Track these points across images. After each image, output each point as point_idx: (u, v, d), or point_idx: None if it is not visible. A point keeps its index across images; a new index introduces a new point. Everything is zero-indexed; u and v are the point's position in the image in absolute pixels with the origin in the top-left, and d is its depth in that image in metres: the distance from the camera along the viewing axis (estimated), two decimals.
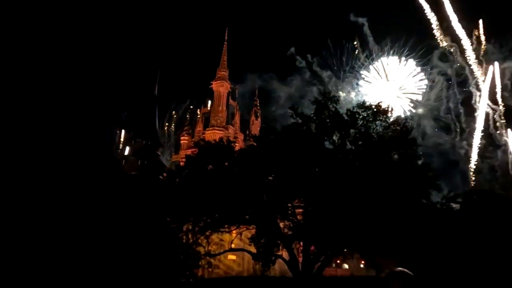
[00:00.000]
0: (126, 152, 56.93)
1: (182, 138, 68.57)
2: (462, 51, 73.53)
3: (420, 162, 25.78)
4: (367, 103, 25.31)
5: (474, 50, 72.34)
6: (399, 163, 23.94)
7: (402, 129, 25.40)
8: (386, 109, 25.35)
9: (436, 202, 25.10)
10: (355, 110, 24.41)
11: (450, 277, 22.78)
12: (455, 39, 73.59)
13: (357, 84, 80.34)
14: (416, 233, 21.70)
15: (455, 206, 25.68)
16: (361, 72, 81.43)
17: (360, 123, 24.50)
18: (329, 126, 24.49)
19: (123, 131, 65.00)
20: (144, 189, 27.40)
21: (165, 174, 31.84)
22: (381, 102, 25.70)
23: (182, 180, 26.33)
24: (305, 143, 23.41)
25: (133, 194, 25.88)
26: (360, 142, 24.18)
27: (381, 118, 24.85)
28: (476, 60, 71.84)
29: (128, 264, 24.63)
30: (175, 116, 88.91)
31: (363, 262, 49.44)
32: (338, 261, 53.17)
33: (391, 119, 25.80)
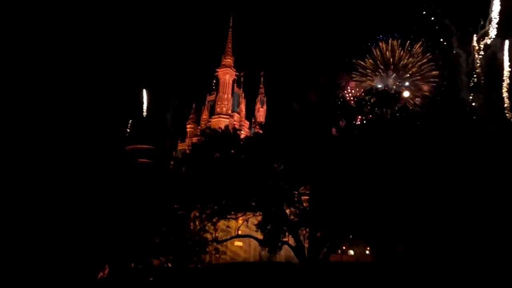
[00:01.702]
0: None
1: (188, 126, 68.65)
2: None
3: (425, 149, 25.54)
4: (374, 90, 25.05)
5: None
6: (406, 149, 23.76)
7: (410, 116, 25.16)
8: (394, 95, 25.08)
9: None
10: (362, 97, 24.18)
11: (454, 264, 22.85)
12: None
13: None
14: (423, 221, 21.72)
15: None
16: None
17: (367, 110, 24.30)
18: (335, 113, 24.33)
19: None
20: (152, 177, 27.65)
21: (171, 162, 32.07)
22: (388, 88, 25.41)
23: (189, 167, 26.48)
24: (311, 130, 23.32)
25: (141, 182, 26.15)
26: (366, 129, 24.03)
27: (389, 104, 24.60)
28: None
29: (137, 250, 25.07)
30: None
31: (368, 248, 49.73)
32: (344, 248, 53.59)
33: (399, 106, 25.55)
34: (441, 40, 71.03)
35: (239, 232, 29.78)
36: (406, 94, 69.93)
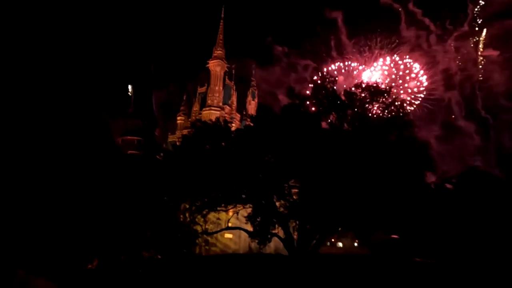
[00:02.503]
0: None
1: (178, 118, 68.22)
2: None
3: (416, 143, 25.93)
4: (365, 84, 25.20)
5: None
6: (395, 144, 24.09)
7: (399, 110, 25.42)
8: (384, 90, 25.28)
9: (431, 182, 25.48)
10: (352, 91, 24.32)
11: (442, 255, 23.37)
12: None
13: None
14: (409, 213, 22.11)
15: (449, 186, 26.09)
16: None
17: (358, 104, 24.46)
18: (326, 107, 24.44)
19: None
20: (142, 169, 27.47)
21: (161, 154, 31.91)
22: (379, 82, 25.59)
23: (179, 159, 26.40)
24: (302, 124, 23.41)
25: (130, 173, 25.95)
26: (357, 123, 24.22)
27: (378, 99, 24.80)
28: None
29: (126, 242, 24.98)
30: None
31: (357, 240, 50.48)
32: (333, 240, 54.32)
33: (389, 101, 25.77)
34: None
35: (229, 224, 29.91)
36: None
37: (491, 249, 22.12)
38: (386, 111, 24.90)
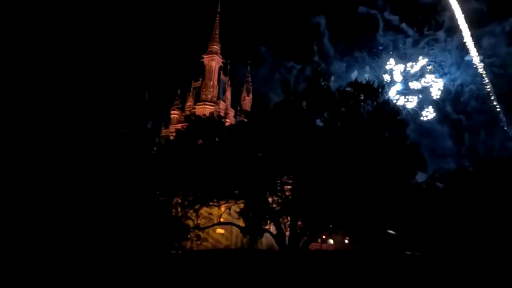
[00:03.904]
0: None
1: (172, 112, 67.72)
2: None
3: (408, 143, 26.18)
4: (359, 82, 25.30)
5: None
6: (388, 143, 24.28)
7: (392, 109, 25.61)
8: (377, 88, 25.40)
9: (422, 181, 25.79)
10: (346, 89, 24.41)
11: (432, 253, 23.73)
12: None
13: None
14: (400, 211, 22.37)
15: (440, 185, 26.40)
16: None
17: (351, 102, 24.57)
18: (320, 104, 24.51)
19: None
20: (134, 162, 27.32)
21: (154, 148, 31.75)
22: (372, 81, 25.72)
23: (172, 154, 26.31)
24: (296, 120, 23.47)
25: (122, 167, 25.81)
26: (350, 121, 24.34)
27: (372, 97, 24.93)
28: None
29: (118, 236, 24.89)
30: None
31: (347, 238, 50.91)
32: (324, 237, 54.68)
33: (382, 99, 25.93)
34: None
35: (221, 220, 29.95)
36: None
37: (479, 245, 22.56)
38: (379, 110, 25.06)
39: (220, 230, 48.99)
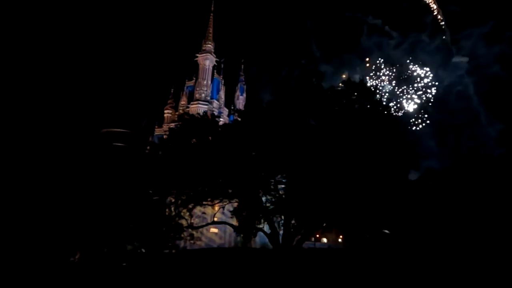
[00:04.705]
0: None
1: (166, 111, 67.44)
2: None
3: (401, 142, 26.35)
4: (351, 80, 25.40)
5: None
6: (381, 141, 24.41)
7: (386, 109, 25.75)
8: (370, 87, 25.54)
9: (415, 180, 26.02)
10: (339, 88, 24.49)
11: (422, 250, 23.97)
12: None
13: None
14: (393, 209, 22.54)
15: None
16: None
17: (344, 100, 24.65)
18: (313, 103, 24.55)
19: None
20: (127, 161, 27.17)
21: (148, 147, 31.58)
22: (365, 80, 25.84)
23: (165, 153, 26.17)
24: (289, 119, 23.49)
25: (115, 165, 25.64)
26: (343, 119, 24.42)
27: (365, 96, 25.04)
28: None
29: (111, 234, 24.74)
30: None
31: (341, 236, 51.18)
32: (317, 235, 54.91)
33: (375, 98, 26.05)
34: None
35: (215, 219, 29.88)
36: None
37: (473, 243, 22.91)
38: (372, 109, 25.19)
39: (214, 230, 48.94)
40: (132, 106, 62.91)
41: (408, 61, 71.49)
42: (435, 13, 69.75)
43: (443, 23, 67.89)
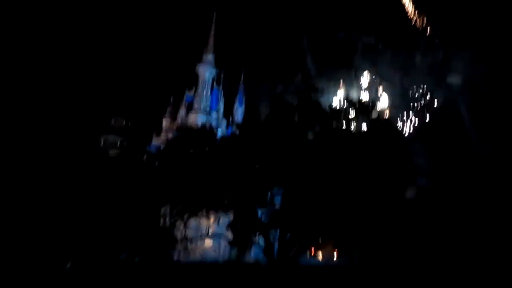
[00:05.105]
0: None
1: (164, 120, 67.51)
2: None
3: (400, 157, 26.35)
4: (350, 98, 25.61)
5: None
6: (379, 158, 24.42)
7: (384, 124, 25.87)
8: (369, 105, 25.72)
9: (412, 197, 25.93)
10: (337, 105, 24.69)
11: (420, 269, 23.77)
12: None
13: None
14: (390, 226, 22.44)
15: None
16: None
17: (343, 117, 24.81)
18: (311, 118, 24.69)
19: None
20: (123, 171, 27.03)
21: (144, 156, 31.54)
22: (363, 98, 26.05)
23: (162, 163, 26.13)
24: (287, 133, 23.56)
25: (111, 175, 25.50)
26: (341, 135, 24.52)
27: (363, 113, 25.19)
28: None
29: (104, 244, 24.45)
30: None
31: (336, 251, 50.70)
32: (313, 249, 54.37)
33: (373, 114, 26.19)
34: None
35: (210, 231, 29.65)
36: None
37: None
38: (370, 125, 25.33)
39: (208, 242, 48.51)
40: (131, 114, 62.78)
41: (404, 79, 72.19)
42: (428, 33, 70.93)
43: (436, 41, 68.97)
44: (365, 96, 70.18)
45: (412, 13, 71.22)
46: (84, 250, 24.39)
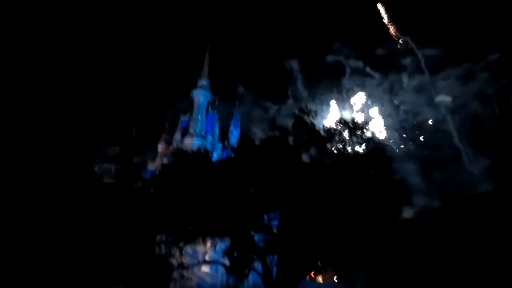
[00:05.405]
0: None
1: (159, 145, 67.47)
2: None
3: (394, 178, 26.43)
4: (343, 120, 25.92)
5: None
6: (374, 179, 24.47)
7: (378, 145, 26.09)
8: (362, 125, 26.01)
9: (409, 218, 25.83)
10: (331, 126, 24.95)
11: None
12: None
13: None
14: (389, 248, 22.20)
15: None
16: None
17: (337, 138, 25.01)
18: (306, 141, 24.86)
19: None
20: (118, 198, 26.74)
21: (139, 183, 31.28)
22: (357, 119, 26.39)
23: (157, 189, 25.92)
24: (283, 156, 23.62)
25: (106, 203, 25.20)
26: (336, 157, 24.63)
27: (357, 134, 25.44)
28: None
29: (98, 273, 23.86)
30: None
31: (336, 275, 49.75)
32: (312, 275, 53.37)
33: (367, 135, 26.44)
34: None
35: (206, 258, 29.09)
36: None
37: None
38: (364, 146, 25.52)
39: (205, 269, 47.43)
40: (126, 140, 62.62)
41: (394, 99, 73.35)
42: (415, 53, 72.79)
43: (422, 63, 70.66)
44: (358, 117, 71.08)
45: (397, 34, 73.31)
46: (78, 281, 23.75)
